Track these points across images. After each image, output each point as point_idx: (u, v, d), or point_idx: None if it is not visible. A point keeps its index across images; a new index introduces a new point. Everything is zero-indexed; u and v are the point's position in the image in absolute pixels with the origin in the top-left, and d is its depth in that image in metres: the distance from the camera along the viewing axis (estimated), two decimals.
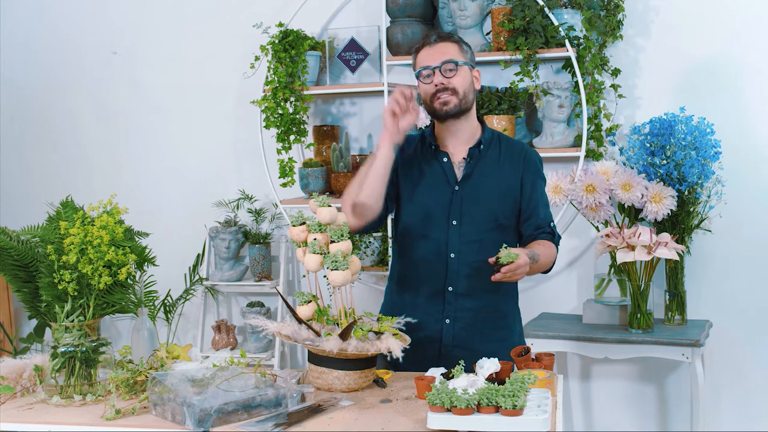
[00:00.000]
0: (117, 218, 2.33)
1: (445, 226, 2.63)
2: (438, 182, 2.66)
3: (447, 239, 2.62)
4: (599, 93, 3.63)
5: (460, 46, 2.64)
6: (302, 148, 4.17)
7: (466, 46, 2.66)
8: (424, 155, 2.70)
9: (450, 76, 2.58)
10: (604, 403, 3.89)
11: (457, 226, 2.61)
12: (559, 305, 3.88)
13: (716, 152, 3.44)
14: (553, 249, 2.66)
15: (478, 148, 2.66)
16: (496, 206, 2.64)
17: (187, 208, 4.36)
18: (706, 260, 3.69)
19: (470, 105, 2.65)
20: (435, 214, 2.63)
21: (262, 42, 3.92)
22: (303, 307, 2.38)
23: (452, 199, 2.64)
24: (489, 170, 2.66)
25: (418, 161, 2.70)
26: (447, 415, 1.96)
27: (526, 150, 2.73)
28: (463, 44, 2.65)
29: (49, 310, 2.33)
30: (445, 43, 2.62)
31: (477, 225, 2.62)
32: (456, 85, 2.59)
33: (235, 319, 4.37)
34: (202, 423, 2.02)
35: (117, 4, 4.44)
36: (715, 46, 3.64)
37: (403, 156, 2.69)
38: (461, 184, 2.65)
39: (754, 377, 3.69)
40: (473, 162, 2.65)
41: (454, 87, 2.58)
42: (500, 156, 2.68)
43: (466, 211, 2.62)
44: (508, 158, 2.68)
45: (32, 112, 4.62)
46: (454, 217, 2.63)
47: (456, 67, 2.58)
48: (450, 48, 2.61)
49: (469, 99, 2.63)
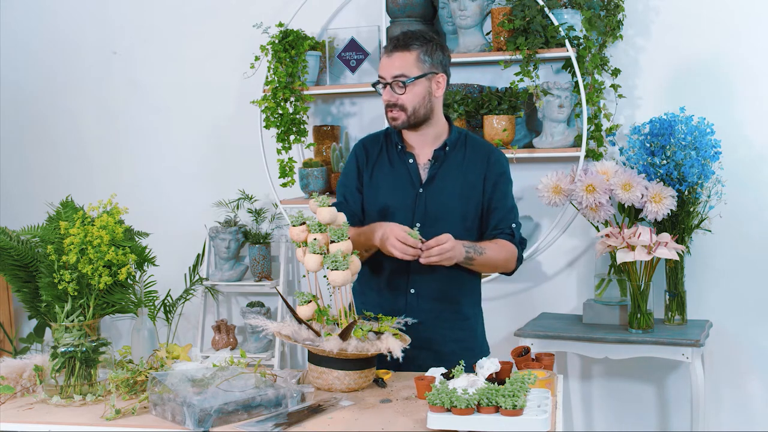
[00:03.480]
0: (117, 218, 2.33)
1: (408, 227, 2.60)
2: (403, 184, 2.67)
3: None
4: (599, 93, 3.63)
5: (419, 53, 2.58)
6: (302, 148, 4.17)
7: (431, 49, 2.60)
8: (390, 155, 2.71)
9: (399, 93, 2.58)
10: (604, 403, 3.89)
11: (420, 228, 2.59)
12: (559, 305, 3.88)
13: (716, 152, 3.44)
14: (510, 249, 2.65)
15: (443, 150, 2.67)
16: (459, 208, 2.64)
17: (187, 208, 4.36)
18: (706, 260, 3.69)
19: (423, 117, 2.64)
20: (399, 216, 2.63)
21: (262, 42, 3.92)
22: (303, 307, 2.38)
23: (416, 201, 2.64)
24: (453, 172, 2.66)
25: (384, 162, 2.71)
26: (447, 415, 1.96)
27: (491, 150, 2.73)
28: (424, 50, 2.59)
29: (49, 310, 2.33)
30: (401, 54, 2.58)
31: (440, 227, 2.60)
32: (404, 102, 2.59)
33: (235, 319, 4.37)
34: (202, 423, 2.02)
35: (117, 4, 4.44)
36: (715, 46, 3.64)
37: (368, 157, 2.71)
38: (425, 186, 2.65)
39: (754, 377, 3.69)
40: (437, 164, 2.66)
41: (403, 104, 2.59)
42: (465, 157, 2.68)
43: (430, 213, 2.62)
44: (473, 159, 2.68)
45: (32, 112, 4.62)
46: (418, 219, 2.63)
47: (404, 85, 2.57)
48: (406, 59, 2.57)
49: (421, 113, 2.62)
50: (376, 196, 2.68)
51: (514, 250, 2.67)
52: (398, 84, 2.58)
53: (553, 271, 3.93)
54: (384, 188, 2.68)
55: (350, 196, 2.73)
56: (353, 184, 2.73)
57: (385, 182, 2.69)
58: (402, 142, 2.70)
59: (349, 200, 2.73)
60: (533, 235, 3.90)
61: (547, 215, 3.87)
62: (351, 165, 2.76)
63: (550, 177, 3.53)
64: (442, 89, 2.64)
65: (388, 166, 2.70)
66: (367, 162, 2.72)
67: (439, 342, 2.64)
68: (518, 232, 2.70)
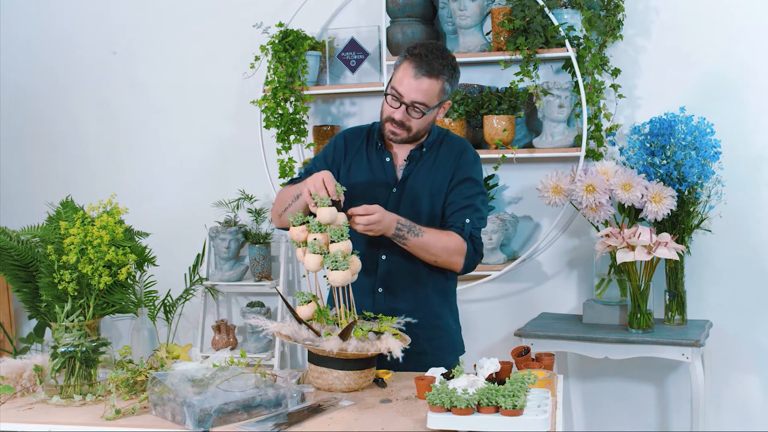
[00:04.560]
0: (117, 218, 2.33)
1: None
2: (378, 182, 2.66)
3: (380, 240, 2.59)
4: (599, 93, 3.63)
5: (444, 84, 2.55)
6: (302, 148, 4.17)
7: (453, 77, 2.57)
8: (369, 152, 2.70)
9: (415, 117, 2.56)
10: (604, 403, 3.89)
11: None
12: (559, 305, 3.88)
13: (716, 152, 3.44)
14: (456, 240, 2.58)
15: (420, 151, 2.66)
16: (428, 208, 2.64)
17: (187, 208, 4.36)
18: (706, 260, 3.69)
19: (420, 136, 2.64)
20: None
21: (262, 42, 3.92)
22: (303, 307, 2.38)
23: (388, 201, 2.63)
24: (425, 172, 2.66)
25: (362, 158, 2.70)
26: (447, 415, 1.96)
27: (464, 149, 2.70)
28: (447, 79, 2.55)
29: (49, 310, 2.33)
30: (430, 81, 2.52)
31: None
32: (413, 125, 2.58)
33: (235, 319, 4.37)
34: (202, 423, 2.02)
35: (117, 4, 4.44)
36: (715, 46, 3.64)
37: (347, 150, 2.70)
38: (399, 186, 2.65)
39: (754, 377, 3.69)
40: (412, 164, 2.66)
41: (411, 126, 2.58)
42: (438, 157, 2.68)
43: (401, 212, 2.59)
44: (445, 158, 2.67)
45: (32, 112, 4.62)
46: None
47: (422, 114, 2.55)
48: (432, 88, 2.53)
49: (421, 134, 2.63)
50: (351, 191, 2.61)
51: (462, 245, 2.59)
52: (416, 110, 2.54)
53: (553, 271, 3.93)
54: (359, 185, 2.66)
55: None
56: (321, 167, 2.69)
57: (360, 178, 2.68)
58: (382, 140, 2.69)
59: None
60: (533, 235, 3.90)
61: (547, 215, 3.87)
62: (328, 152, 2.74)
63: (550, 177, 3.53)
64: (444, 113, 2.64)
65: (365, 162, 2.69)
66: (345, 155, 2.71)
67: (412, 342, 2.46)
68: (472, 229, 2.62)
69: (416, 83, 2.51)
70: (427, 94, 2.53)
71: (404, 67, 2.54)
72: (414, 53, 2.53)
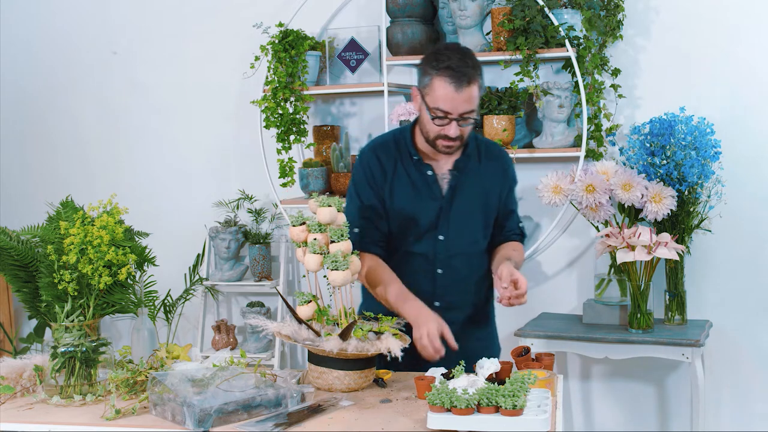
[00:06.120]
0: (117, 218, 2.33)
1: (432, 241, 2.59)
2: (424, 197, 2.60)
3: (435, 255, 2.59)
4: (599, 93, 3.63)
5: (479, 83, 2.47)
6: (302, 148, 4.18)
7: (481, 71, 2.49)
8: (406, 166, 2.61)
9: (466, 126, 2.50)
10: (604, 403, 3.89)
11: (444, 241, 2.58)
12: (559, 305, 3.88)
13: (716, 152, 3.44)
14: (522, 250, 2.73)
15: (464, 161, 2.62)
16: (481, 218, 2.63)
17: (187, 208, 4.36)
18: (706, 260, 3.69)
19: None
20: (421, 230, 2.59)
21: (262, 42, 3.92)
22: (303, 307, 2.38)
23: (439, 214, 2.60)
24: (472, 181, 2.63)
25: (401, 174, 2.61)
26: (447, 415, 1.96)
27: (503, 155, 2.74)
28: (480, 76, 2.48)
29: (49, 310, 2.33)
30: (470, 89, 2.44)
31: (464, 238, 2.60)
32: (464, 132, 2.51)
33: (235, 319, 4.37)
34: (202, 423, 2.02)
35: (117, 4, 4.44)
36: (715, 46, 3.64)
37: (384, 171, 2.60)
38: (447, 198, 2.61)
39: (754, 377, 3.69)
40: (458, 174, 2.61)
41: (463, 136, 2.51)
42: (480, 165, 2.65)
43: (453, 225, 2.59)
44: (488, 166, 2.66)
45: (32, 112, 4.62)
46: (441, 232, 2.60)
47: (473, 121, 2.50)
48: (474, 93, 2.45)
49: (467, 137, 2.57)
50: (397, 210, 2.58)
51: (523, 249, 2.75)
52: (466, 119, 2.47)
53: (553, 271, 3.93)
54: (404, 202, 2.59)
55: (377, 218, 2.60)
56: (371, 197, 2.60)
57: (404, 196, 2.60)
58: (417, 152, 2.61)
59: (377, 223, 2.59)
60: (533, 235, 3.90)
61: (547, 215, 3.87)
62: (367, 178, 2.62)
63: (550, 177, 3.53)
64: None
65: (405, 177, 2.60)
66: (385, 177, 2.60)
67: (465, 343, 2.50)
68: (524, 229, 2.76)
69: (460, 96, 2.44)
70: (472, 101, 2.46)
71: (439, 85, 2.44)
72: (442, 67, 2.44)
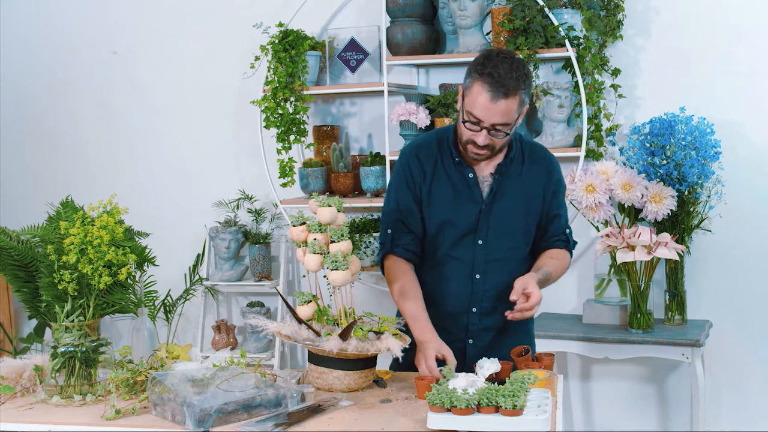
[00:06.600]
0: (117, 218, 2.33)
1: (471, 245, 2.52)
2: (464, 200, 2.53)
3: (473, 260, 2.53)
4: (599, 93, 3.63)
5: (522, 95, 2.37)
6: (302, 148, 4.18)
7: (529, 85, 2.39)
8: (447, 168, 2.54)
9: (498, 138, 2.40)
10: (604, 403, 3.89)
11: (483, 246, 2.52)
12: (559, 305, 3.88)
13: (716, 152, 3.44)
14: (567, 258, 2.61)
15: (506, 164, 2.53)
16: (522, 223, 2.55)
17: (187, 208, 4.36)
18: (706, 260, 3.69)
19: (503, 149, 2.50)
20: (460, 234, 2.52)
21: (262, 42, 3.92)
22: (303, 307, 2.38)
23: (479, 218, 2.52)
24: (514, 185, 2.54)
25: (441, 175, 2.54)
26: (447, 415, 1.96)
27: (548, 157, 2.61)
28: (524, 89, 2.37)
29: (49, 310, 2.33)
30: (507, 102, 2.33)
31: (503, 243, 2.53)
32: (497, 144, 2.42)
33: (235, 319, 4.37)
34: (202, 423, 2.02)
35: (117, 4, 4.44)
36: (715, 46, 3.64)
37: (424, 172, 2.54)
38: (488, 202, 2.52)
39: (754, 377, 3.69)
40: (500, 178, 2.52)
41: (494, 145, 2.42)
42: (523, 168, 2.56)
43: (493, 230, 2.52)
44: (531, 169, 2.56)
45: (32, 112, 4.62)
46: (481, 237, 2.52)
47: (506, 134, 2.40)
48: (510, 107, 2.35)
49: (504, 147, 2.49)
50: (435, 211, 2.53)
51: (568, 258, 2.61)
52: (498, 131, 2.38)
53: None
54: (443, 204, 2.53)
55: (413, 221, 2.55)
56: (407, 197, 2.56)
57: (444, 197, 2.53)
58: (459, 155, 2.53)
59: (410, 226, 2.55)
60: None
61: None
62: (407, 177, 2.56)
63: None
64: (521, 119, 2.47)
65: (445, 179, 2.53)
66: (424, 178, 2.54)
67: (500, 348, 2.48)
68: (570, 236, 2.63)
69: (494, 107, 2.34)
70: (507, 115, 2.36)
71: (477, 90, 2.36)
72: (485, 72, 2.34)
